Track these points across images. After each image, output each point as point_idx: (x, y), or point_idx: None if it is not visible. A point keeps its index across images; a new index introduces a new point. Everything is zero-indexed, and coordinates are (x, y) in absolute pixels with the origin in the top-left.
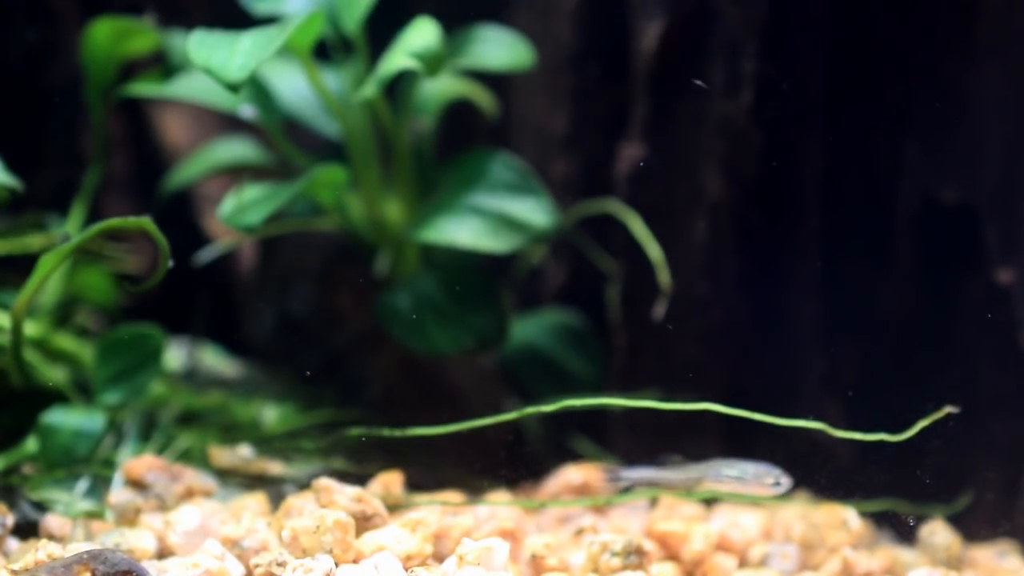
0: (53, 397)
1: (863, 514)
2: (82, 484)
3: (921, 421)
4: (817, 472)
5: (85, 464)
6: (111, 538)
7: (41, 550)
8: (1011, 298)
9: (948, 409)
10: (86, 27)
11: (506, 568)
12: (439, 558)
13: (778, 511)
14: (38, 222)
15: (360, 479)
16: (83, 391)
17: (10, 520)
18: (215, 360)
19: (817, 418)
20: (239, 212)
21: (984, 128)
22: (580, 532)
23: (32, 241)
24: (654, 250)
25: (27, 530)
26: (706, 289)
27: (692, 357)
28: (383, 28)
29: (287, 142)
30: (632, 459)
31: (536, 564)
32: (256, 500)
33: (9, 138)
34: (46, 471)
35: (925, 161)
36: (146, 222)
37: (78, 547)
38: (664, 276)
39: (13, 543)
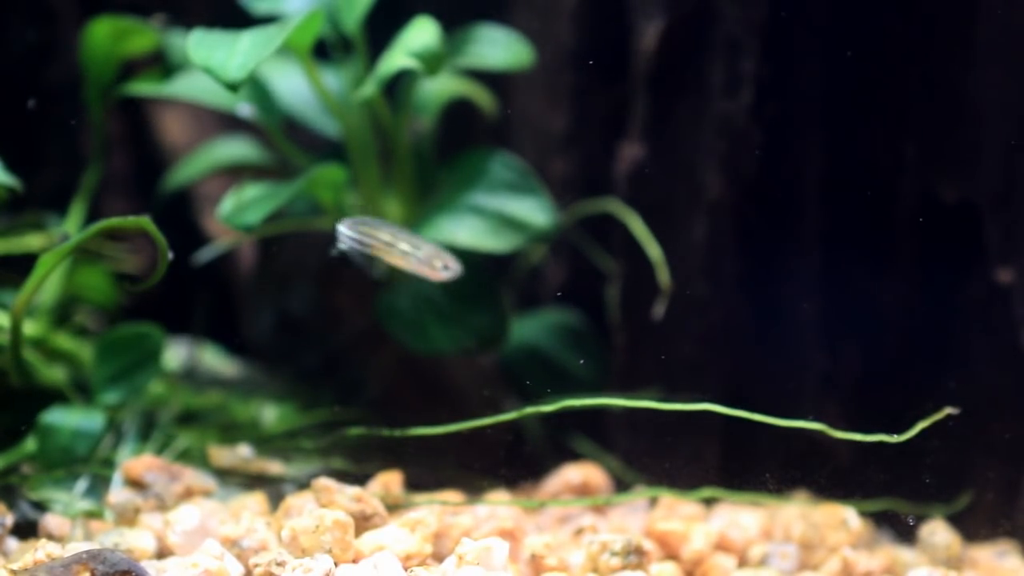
0: (52, 397)
1: (863, 514)
2: (81, 484)
3: (921, 421)
4: (817, 472)
5: (84, 464)
6: (110, 538)
7: (40, 550)
8: (1011, 298)
9: (948, 410)
10: (85, 27)
11: (505, 568)
12: (438, 558)
13: (778, 511)
14: (37, 222)
15: (359, 479)
16: (82, 391)
17: (9, 520)
18: (214, 360)
19: (817, 418)
20: (238, 211)
21: (984, 127)
22: (580, 532)
23: (31, 241)
24: (654, 250)
25: (26, 530)
26: (706, 289)
27: (692, 357)
28: (383, 28)
29: (287, 141)
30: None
31: (535, 564)
32: (255, 500)
33: (9, 138)
34: (45, 471)
35: (925, 160)
36: (145, 221)
37: (77, 547)
38: (664, 276)
39: (12, 543)
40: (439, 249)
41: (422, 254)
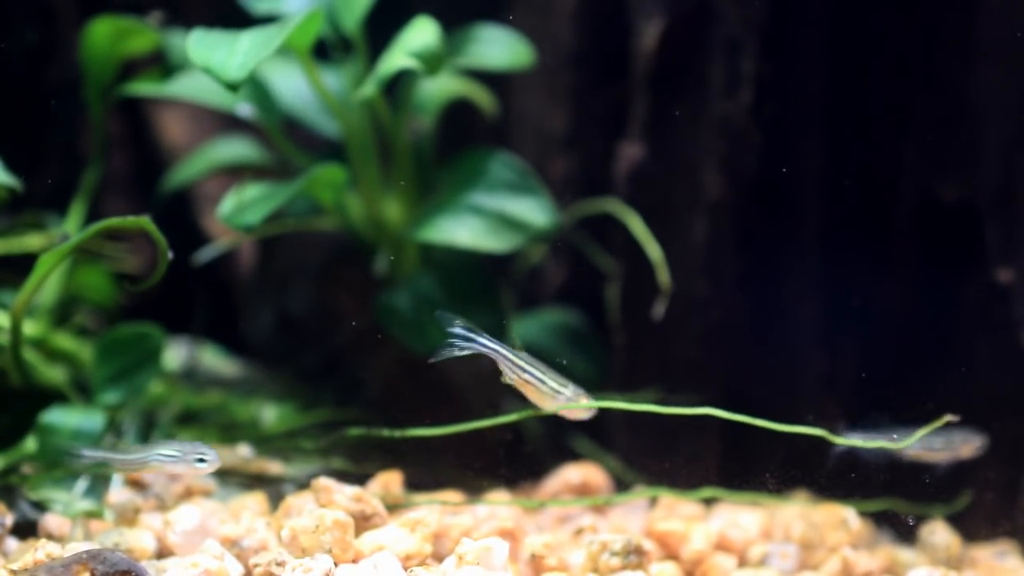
0: (52, 397)
1: (863, 514)
2: (81, 484)
3: (921, 426)
4: (817, 472)
5: (84, 463)
6: (110, 538)
7: (40, 550)
8: (1011, 298)
9: (947, 418)
10: (85, 26)
11: (505, 568)
12: (438, 558)
13: (778, 511)
14: (37, 222)
15: (359, 479)
16: (82, 391)
17: (9, 520)
18: (214, 360)
19: (817, 418)
20: (238, 211)
21: (984, 127)
22: (579, 532)
23: (31, 241)
24: (654, 250)
25: (26, 530)
26: (706, 289)
27: (692, 357)
28: (383, 28)
29: (286, 141)
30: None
31: (535, 564)
32: (255, 500)
33: (9, 138)
34: (45, 470)
35: (925, 160)
36: (145, 221)
37: (77, 547)
38: (664, 276)
39: (12, 543)
40: (579, 389)
41: (569, 392)
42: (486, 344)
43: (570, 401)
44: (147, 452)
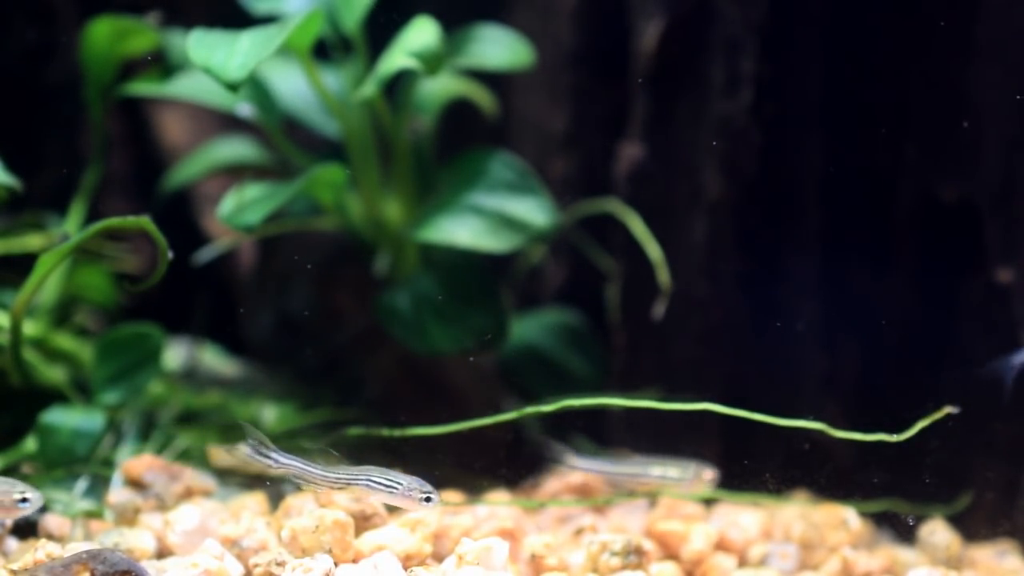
0: (52, 397)
1: (863, 514)
2: (81, 484)
3: (920, 421)
4: (817, 472)
5: (84, 464)
6: (110, 538)
7: (40, 550)
8: (1011, 298)
9: (948, 409)
10: (85, 26)
11: (505, 568)
12: (438, 558)
13: (778, 511)
14: (37, 222)
15: None
16: (82, 391)
17: (9, 520)
18: (214, 360)
19: (817, 418)
20: (238, 211)
21: (984, 127)
22: (579, 532)
23: (31, 241)
24: (654, 250)
25: (26, 530)
26: (706, 289)
27: (692, 357)
28: (383, 28)
29: (287, 141)
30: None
31: (535, 564)
32: (255, 500)
33: (8, 138)
34: (45, 471)
35: (925, 160)
36: (145, 221)
37: (77, 547)
38: (664, 276)
39: (12, 543)
40: (696, 463)
41: (690, 474)
42: (586, 467)
43: (694, 480)
44: (356, 475)
